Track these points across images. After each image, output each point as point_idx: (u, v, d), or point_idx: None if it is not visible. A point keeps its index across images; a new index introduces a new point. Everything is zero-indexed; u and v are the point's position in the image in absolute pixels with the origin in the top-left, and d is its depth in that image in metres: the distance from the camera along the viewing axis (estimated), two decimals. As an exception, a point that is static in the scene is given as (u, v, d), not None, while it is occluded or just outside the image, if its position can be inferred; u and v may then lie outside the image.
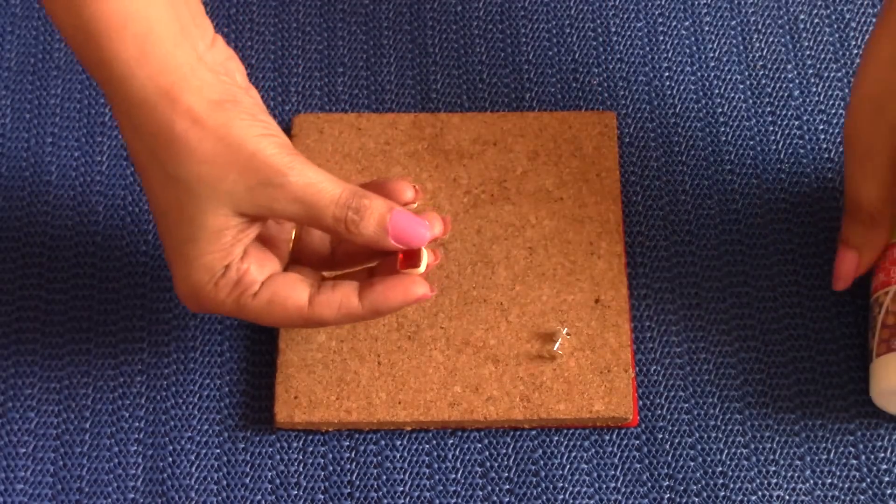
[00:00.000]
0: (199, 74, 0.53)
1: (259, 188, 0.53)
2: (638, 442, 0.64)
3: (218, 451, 0.64)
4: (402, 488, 0.63)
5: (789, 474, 0.64)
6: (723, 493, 0.63)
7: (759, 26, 0.74)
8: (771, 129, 0.72)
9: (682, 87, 0.73)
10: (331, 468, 0.64)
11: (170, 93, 0.52)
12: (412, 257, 0.57)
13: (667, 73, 0.73)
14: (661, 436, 0.64)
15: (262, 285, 0.56)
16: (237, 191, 0.53)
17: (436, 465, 0.64)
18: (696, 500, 0.63)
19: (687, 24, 0.74)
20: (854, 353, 0.66)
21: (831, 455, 0.64)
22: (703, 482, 0.63)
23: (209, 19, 0.56)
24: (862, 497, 0.63)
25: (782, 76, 0.73)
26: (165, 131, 0.52)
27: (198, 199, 0.53)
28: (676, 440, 0.64)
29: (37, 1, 0.74)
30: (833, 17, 0.75)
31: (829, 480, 0.63)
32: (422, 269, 0.57)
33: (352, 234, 0.55)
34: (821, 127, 0.72)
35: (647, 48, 0.74)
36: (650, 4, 0.75)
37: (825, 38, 0.74)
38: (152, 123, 0.52)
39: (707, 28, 0.74)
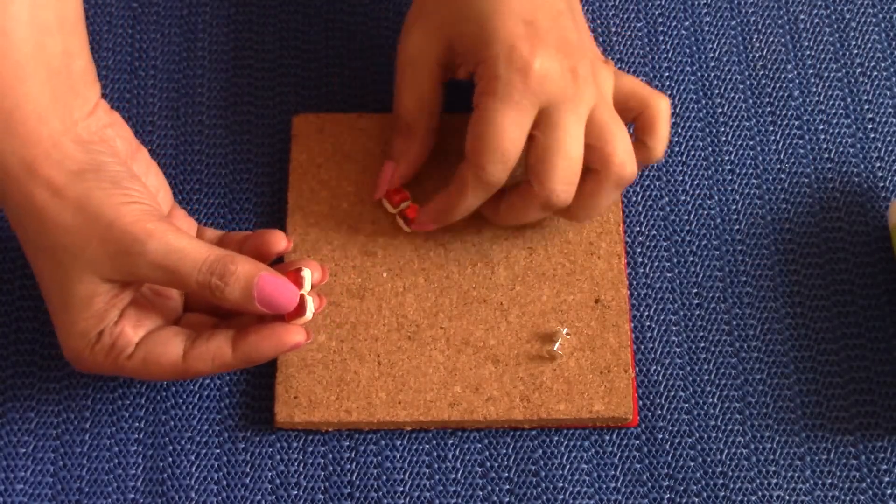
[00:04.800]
0: (62, 147, 0.55)
1: (119, 256, 0.54)
2: (638, 442, 0.64)
3: (218, 451, 0.64)
4: (402, 488, 0.63)
5: (789, 474, 0.64)
6: (723, 493, 0.63)
7: (759, 26, 0.74)
8: (771, 129, 0.72)
9: (682, 87, 0.73)
10: (331, 468, 0.64)
11: (31, 166, 0.54)
12: (297, 307, 0.57)
13: (667, 73, 0.73)
14: (661, 436, 0.64)
15: (137, 346, 0.58)
16: (99, 259, 0.54)
17: (436, 465, 0.64)
18: (696, 500, 0.63)
19: (687, 24, 0.74)
20: (854, 353, 0.66)
21: (831, 455, 0.64)
22: (703, 482, 0.63)
23: (97, 85, 0.58)
24: (862, 497, 0.63)
25: (782, 76, 0.73)
26: (27, 203, 0.54)
27: (64, 267, 0.55)
28: (676, 440, 0.64)
29: None
30: (833, 17, 0.75)
31: (829, 480, 0.63)
32: (308, 316, 0.58)
33: (217, 299, 0.56)
34: (821, 127, 0.72)
35: (647, 48, 0.74)
36: (650, 4, 0.75)
37: (825, 38, 0.74)
38: (16, 195, 0.54)
39: (707, 28, 0.74)
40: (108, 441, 0.64)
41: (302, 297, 0.58)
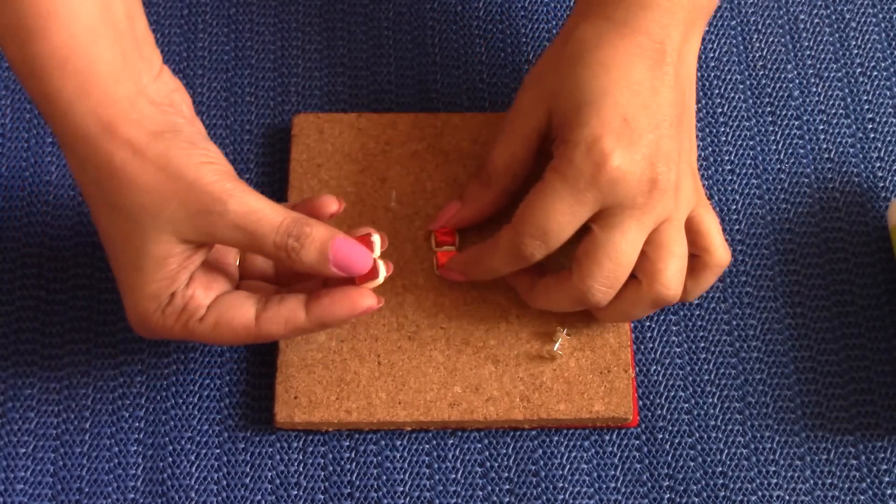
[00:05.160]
0: (139, 107, 0.54)
1: (200, 216, 0.54)
2: (638, 442, 0.64)
3: (218, 451, 0.64)
4: (402, 488, 0.63)
5: (789, 474, 0.64)
6: (723, 493, 0.63)
7: (759, 26, 0.74)
8: (771, 129, 0.72)
9: (682, 87, 0.72)
10: (331, 468, 0.64)
11: (109, 126, 0.53)
12: (370, 270, 0.58)
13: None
14: (661, 436, 0.64)
15: (209, 309, 0.57)
16: (178, 219, 0.54)
17: (436, 465, 0.64)
18: (696, 500, 0.63)
19: (687, 24, 0.74)
20: (854, 353, 0.66)
21: (831, 455, 0.64)
22: (703, 482, 0.63)
23: (158, 51, 0.57)
24: (862, 497, 0.63)
25: (782, 76, 0.73)
26: (106, 163, 0.53)
27: (141, 228, 0.54)
28: (676, 440, 0.64)
29: None
30: (833, 17, 0.75)
31: (829, 480, 0.63)
32: (380, 280, 0.58)
33: (293, 262, 0.56)
34: (821, 127, 0.72)
35: (647, 48, 0.74)
36: (650, 4, 0.75)
37: (825, 38, 0.74)
38: (94, 156, 0.54)
39: (707, 28, 0.74)
40: (108, 441, 0.64)
41: (374, 260, 0.58)
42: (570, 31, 0.60)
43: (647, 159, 0.57)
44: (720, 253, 0.61)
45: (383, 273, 0.58)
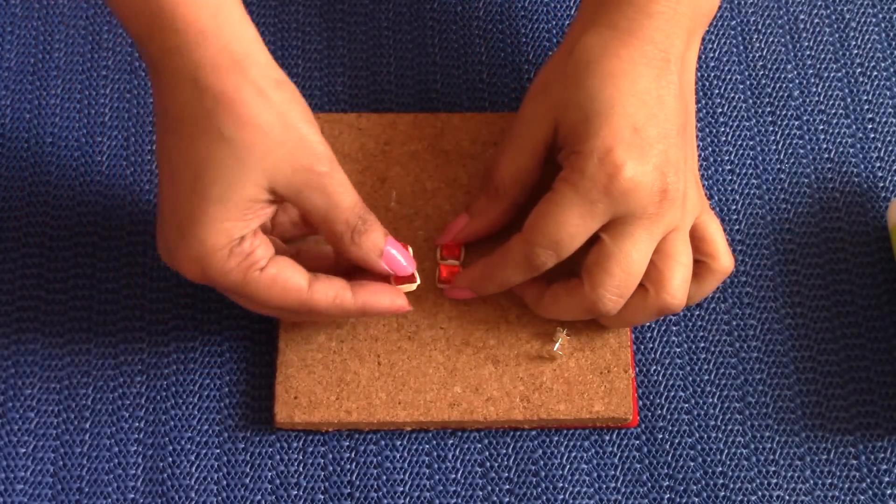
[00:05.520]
0: (264, 52, 0.57)
1: (300, 171, 0.56)
2: (638, 442, 0.64)
3: (218, 451, 0.64)
4: (402, 488, 0.63)
5: (789, 474, 0.64)
6: (723, 493, 0.63)
7: (759, 26, 0.74)
8: (771, 129, 0.72)
9: (682, 87, 0.72)
10: (331, 468, 0.64)
11: (240, 63, 0.55)
12: (410, 274, 0.61)
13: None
14: (661, 436, 0.64)
15: (269, 262, 0.58)
16: (279, 167, 0.56)
17: (436, 465, 0.64)
18: (696, 500, 0.63)
19: (687, 24, 0.74)
20: (854, 353, 0.66)
21: (831, 455, 0.64)
22: (703, 482, 0.63)
23: None
24: (862, 497, 0.63)
25: (782, 76, 0.73)
26: (231, 95, 0.55)
27: (243, 164, 0.55)
28: (676, 440, 0.64)
29: None
30: (833, 17, 0.75)
31: (829, 480, 0.63)
32: (413, 287, 0.61)
33: (351, 243, 0.58)
34: (821, 127, 0.72)
35: (647, 48, 0.74)
36: (650, 4, 0.75)
37: (825, 38, 0.74)
38: (220, 86, 0.55)
39: (707, 28, 0.74)
40: (108, 441, 0.64)
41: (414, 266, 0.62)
42: (574, 40, 0.60)
43: (658, 169, 0.58)
44: (724, 259, 0.61)
45: (418, 280, 0.61)
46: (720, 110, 0.72)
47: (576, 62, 0.59)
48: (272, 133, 0.55)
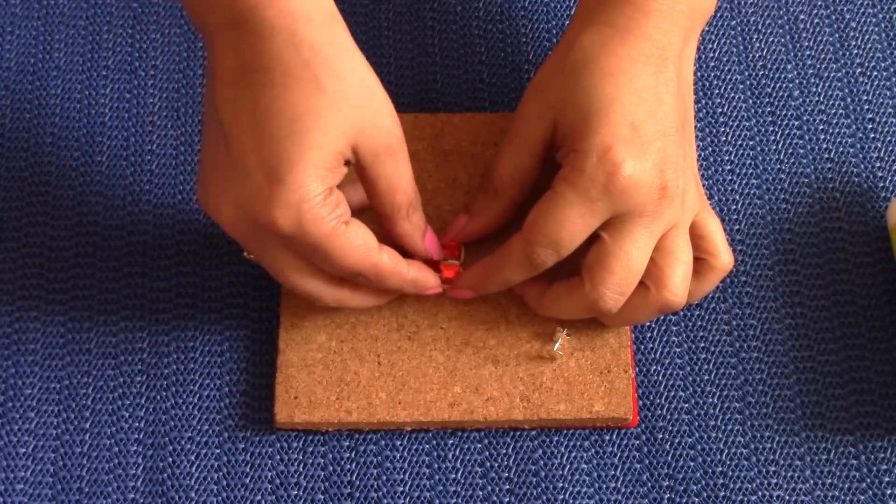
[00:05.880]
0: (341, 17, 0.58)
1: (383, 133, 0.57)
2: (638, 442, 0.64)
3: (218, 451, 0.64)
4: (402, 488, 0.63)
5: (789, 474, 0.64)
6: (723, 493, 0.63)
7: (759, 26, 0.74)
8: (771, 129, 0.72)
9: (682, 87, 0.72)
10: (331, 468, 0.64)
11: (332, 19, 0.57)
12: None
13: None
14: (661, 436, 0.64)
15: (351, 218, 0.58)
16: (366, 127, 0.56)
17: (436, 465, 0.64)
18: (696, 500, 0.63)
19: (687, 24, 0.74)
20: (854, 353, 0.66)
21: (831, 455, 0.64)
22: (703, 482, 0.63)
23: None
24: (862, 497, 0.63)
25: (782, 76, 0.73)
26: (326, 48, 0.56)
27: (338, 114, 0.56)
28: (676, 440, 0.64)
29: None
30: (833, 17, 0.75)
31: (829, 480, 0.63)
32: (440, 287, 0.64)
33: (406, 218, 0.60)
34: (821, 127, 0.72)
35: (647, 48, 0.74)
36: (650, 4, 0.75)
37: (825, 38, 0.74)
38: (318, 38, 0.56)
39: (707, 28, 0.74)
40: (108, 441, 0.64)
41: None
42: (572, 39, 0.60)
43: (657, 167, 0.58)
44: (724, 257, 0.62)
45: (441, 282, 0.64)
46: (720, 110, 0.72)
47: (574, 61, 0.59)
48: (361, 91, 0.56)
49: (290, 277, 0.59)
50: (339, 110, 0.55)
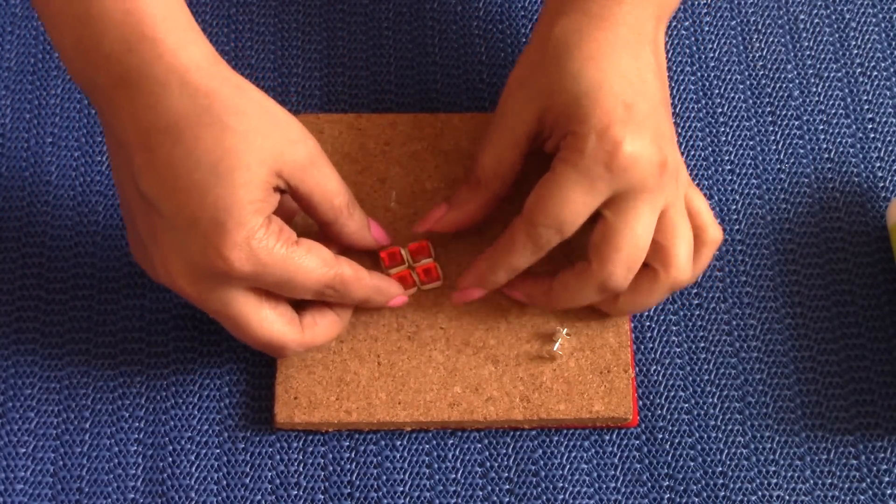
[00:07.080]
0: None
1: (297, 146, 0.58)
2: (638, 442, 0.64)
3: (218, 451, 0.64)
4: (402, 488, 0.63)
5: (789, 474, 0.64)
6: (723, 493, 0.63)
7: (759, 26, 0.74)
8: (771, 129, 0.72)
9: (682, 87, 0.73)
10: (331, 468, 0.64)
11: (216, 63, 0.58)
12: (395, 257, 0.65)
13: (667, 73, 0.73)
14: (661, 436, 0.64)
15: (297, 237, 0.59)
16: (284, 149, 0.57)
17: (436, 465, 0.64)
18: (696, 500, 0.63)
19: (687, 24, 0.74)
20: (854, 353, 0.66)
21: (831, 455, 0.64)
22: (703, 482, 0.63)
23: None
24: (862, 497, 0.63)
25: (782, 76, 0.73)
26: (222, 89, 0.57)
27: (253, 147, 0.56)
28: (676, 440, 0.64)
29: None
30: (833, 17, 0.75)
31: (829, 480, 0.63)
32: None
33: (350, 217, 0.61)
34: (821, 127, 0.72)
35: (647, 48, 0.74)
36: (650, 4, 0.75)
37: (825, 38, 0.74)
38: (210, 82, 0.57)
39: (707, 28, 0.74)
40: (108, 441, 0.64)
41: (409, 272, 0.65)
42: (546, 29, 0.61)
43: (655, 143, 0.58)
44: (713, 230, 0.62)
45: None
46: (720, 110, 0.72)
47: (554, 48, 0.60)
48: (265, 119, 0.57)
49: (253, 325, 0.59)
50: (252, 143, 0.56)
